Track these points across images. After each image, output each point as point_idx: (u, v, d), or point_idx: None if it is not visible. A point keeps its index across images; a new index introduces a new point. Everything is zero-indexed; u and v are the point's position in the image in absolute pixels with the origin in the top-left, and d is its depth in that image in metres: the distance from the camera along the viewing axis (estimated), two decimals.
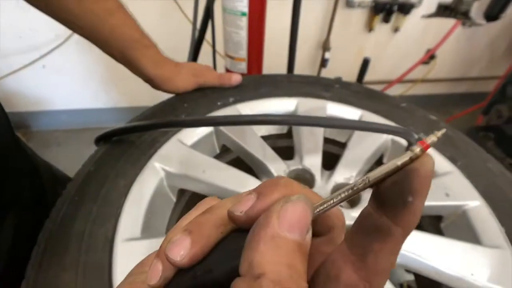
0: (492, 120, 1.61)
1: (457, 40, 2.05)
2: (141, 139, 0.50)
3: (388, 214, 0.15)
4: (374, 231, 0.15)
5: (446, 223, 0.48)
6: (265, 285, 0.13)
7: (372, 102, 0.62)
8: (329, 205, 0.16)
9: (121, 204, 0.42)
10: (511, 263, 0.39)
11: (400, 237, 0.14)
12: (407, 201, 0.14)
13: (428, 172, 0.14)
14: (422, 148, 0.14)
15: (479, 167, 0.51)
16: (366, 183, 0.15)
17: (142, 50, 0.56)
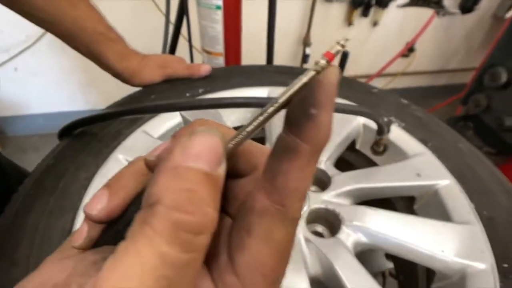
0: (471, 110, 1.63)
1: (434, 33, 2.09)
2: (104, 132, 0.49)
3: (294, 132, 0.14)
4: (283, 152, 0.14)
5: (419, 204, 0.48)
6: (160, 211, 0.12)
7: (343, 88, 0.61)
8: (244, 135, 0.15)
9: (81, 196, 0.41)
10: (480, 237, 0.39)
11: (308, 154, 0.14)
12: (310, 113, 0.13)
13: (330, 81, 0.13)
14: (327, 59, 0.14)
15: (450, 147, 0.50)
16: (276, 105, 0.14)
17: (107, 43, 0.54)
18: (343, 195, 0.44)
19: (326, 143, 0.14)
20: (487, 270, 0.36)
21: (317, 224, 0.44)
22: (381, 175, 0.47)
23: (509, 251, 0.37)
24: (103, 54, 0.54)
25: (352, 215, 0.41)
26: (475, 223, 0.40)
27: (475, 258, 0.37)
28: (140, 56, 0.59)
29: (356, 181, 0.45)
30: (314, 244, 0.38)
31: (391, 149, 0.53)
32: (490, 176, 0.46)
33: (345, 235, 0.39)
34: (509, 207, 0.42)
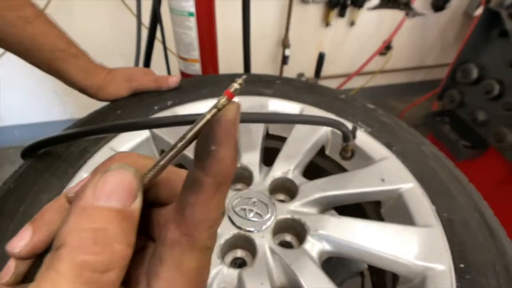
0: (446, 105, 1.67)
1: (410, 31, 2.13)
2: (69, 151, 0.48)
3: (199, 166, 0.15)
4: (191, 185, 0.15)
5: (385, 208, 0.49)
6: (64, 253, 0.13)
7: (312, 95, 0.62)
8: (158, 168, 0.16)
9: None
10: (439, 239, 0.40)
11: (211, 187, 0.15)
12: (210, 150, 0.14)
13: (229, 118, 0.14)
14: (227, 97, 0.15)
15: (413, 150, 0.52)
16: (184, 141, 0.16)
17: (69, 60, 0.53)
18: (310, 204, 0.45)
19: (229, 177, 0.15)
20: (445, 271, 0.37)
21: (285, 233, 0.45)
22: (347, 182, 0.47)
23: (465, 251, 0.39)
24: (66, 70, 0.53)
25: (317, 224, 0.41)
26: (436, 226, 0.42)
27: (435, 260, 0.38)
28: (105, 70, 0.58)
29: (322, 190, 0.46)
30: (279, 255, 0.38)
31: (358, 154, 0.55)
32: (450, 178, 0.48)
33: (310, 245, 0.40)
34: (466, 207, 0.43)
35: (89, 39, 1.53)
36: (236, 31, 1.36)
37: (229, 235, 0.40)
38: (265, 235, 0.41)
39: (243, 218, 0.41)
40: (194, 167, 0.15)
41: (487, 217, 0.43)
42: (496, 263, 0.38)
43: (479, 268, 0.37)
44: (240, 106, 0.15)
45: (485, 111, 1.46)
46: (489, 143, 1.44)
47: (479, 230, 0.41)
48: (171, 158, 0.16)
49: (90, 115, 0.55)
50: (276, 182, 0.48)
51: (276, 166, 0.50)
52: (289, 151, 0.52)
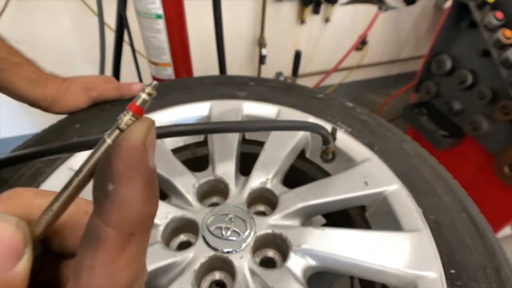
0: (423, 97, 1.69)
1: (384, 25, 2.15)
2: (18, 174, 0.43)
3: (96, 213, 0.11)
4: (87, 238, 0.11)
5: (370, 212, 0.47)
6: None
7: (288, 96, 0.59)
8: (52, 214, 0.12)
9: None
10: (428, 244, 0.38)
11: (116, 242, 0.11)
12: (107, 190, 0.10)
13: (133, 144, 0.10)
14: (132, 113, 0.11)
15: (395, 149, 0.50)
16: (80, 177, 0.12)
17: (11, 69, 0.47)
18: (290, 215, 0.42)
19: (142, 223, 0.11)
20: (436, 279, 0.35)
21: (267, 249, 0.41)
22: (329, 188, 0.45)
23: (454, 255, 0.37)
24: (9, 81, 0.47)
25: (300, 238, 0.38)
26: (423, 230, 0.40)
27: (425, 267, 0.36)
28: (59, 80, 0.52)
29: (303, 199, 0.43)
30: (260, 277, 0.35)
31: (339, 156, 0.52)
32: (435, 177, 0.46)
33: (293, 262, 0.37)
34: (452, 207, 0.42)
35: (51, 46, 1.45)
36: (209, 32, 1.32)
37: (204, 258, 0.36)
38: (244, 255, 0.37)
39: (219, 238, 0.38)
40: (92, 214, 0.11)
41: (474, 216, 0.41)
42: (487, 266, 0.36)
43: (470, 273, 0.35)
44: (154, 123, 0.11)
45: (460, 100, 1.48)
46: (466, 132, 1.46)
47: (467, 232, 0.39)
48: (67, 199, 0.12)
49: (45, 131, 0.50)
50: (254, 193, 0.45)
51: (253, 175, 0.46)
52: (267, 158, 0.48)
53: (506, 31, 1.20)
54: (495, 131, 1.34)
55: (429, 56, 1.59)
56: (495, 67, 1.24)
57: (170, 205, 0.41)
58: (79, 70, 1.55)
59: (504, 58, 1.19)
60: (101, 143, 0.11)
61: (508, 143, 1.28)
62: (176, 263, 0.36)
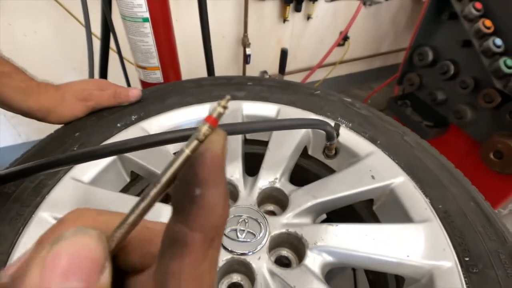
0: (406, 89, 1.73)
1: (364, 20, 2.19)
2: (21, 188, 0.41)
3: (181, 219, 0.11)
4: (171, 245, 0.12)
5: (378, 205, 0.47)
6: None
7: (286, 94, 0.59)
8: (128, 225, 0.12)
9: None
10: (439, 233, 0.39)
11: (200, 246, 0.11)
12: (194, 195, 0.11)
13: (214, 152, 0.11)
14: (210, 125, 0.12)
15: (398, 142, 0.50)
16: (158, 187, 0.12)
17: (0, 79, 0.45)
18: (303, 214, 0.42)
19: (222, 228, 0.12)
20: (452, 268, 0.36)
21: (282, 248, 0.41)
22: (337, 184, 0.45)
23: (467, 243, 0.38)
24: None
25: (315, 236, 0.38)
26: (433, 220, 0.40)
27: (440, 257, 0.37)
28: (52, 89, 0.50)
29: (313, 197, 0.43)
30: (280, 277, 0.35)
31: (342, 151, 0.52)
32: (439, 166, 0.47)
33: (311, 260, 0.37)
34: (460, 196, 0.43)
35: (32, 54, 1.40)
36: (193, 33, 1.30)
37: (221, 261, 0.36)
38: (262, 255, 0.37)
39: (234, 241, 0.37)
40: (174, 221, 0.11)
41: (482, 204, 0.42)
42: (500, 252, 0.37)
43: (485, 260, 0.36)
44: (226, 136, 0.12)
45: (443, 91, 1.52)
46: (450, 121, 1.51)
47: (477, 220, 0.40)
48: (143, 211, 0.12)
49: (44, 141, 0.48)
50: (263, 193, 0.44)
51: (261, 176, 0.46)
52: (272, 158, 0.48)
53: (485, 20, 1.24)
54: (479, 118, 1.39)
55: (410, 49, 1.62)
56: (476, 56, 1.28)
57: None
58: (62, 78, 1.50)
59: (485, 47, 1.23)
60: (179, 154, 0.12)
61: (492, 129, 1.32)
62: None
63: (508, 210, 1.62)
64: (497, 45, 1.21)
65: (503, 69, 1.19)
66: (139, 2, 0.81)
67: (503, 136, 1.26)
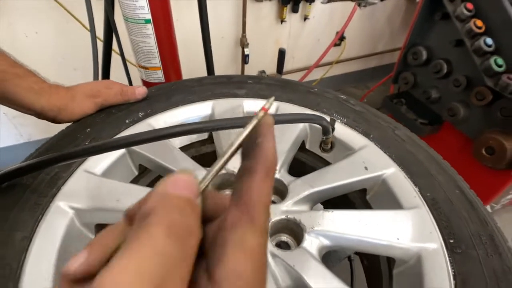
0: (401, 87, 1.77)
1: (360, 21, 2.22)
2: (38, 180, 0.44)
3: (250, 157, 0.19)
4: (244, 174, 0.18)
5: (371, 195, 0.51)
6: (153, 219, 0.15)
7: (285, 92, 0.62)
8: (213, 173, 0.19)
9: (20, 262, 0.36)
10: (427, 218, 0.42)
11: (263, 172, 0.18)
12: (256, 142, 0.19)
13: (268, 122, 0.20)
14: (264, 112, 0.20)
15: (389, 136, 0.54)
16: (233, 147, 0.19)
17: (14, 80, 0.48)
18: (301, 202, 0.45)
19: (274, 166, 0.19)
20: (438, 249, 0.39)
21: (281, 234, 0.44)
22: (333, 174, 0.48)
23: (452, 227, 0.41)
24: (12, 93, 0.48)
25: (312, 221, 0.42)
26: (422, 206, 0.44)
27: (426, 239, 0.40)
28: (63, 90, 0.53)
29: (310, 186, 0.46)
30: (281, 258, 0.38)
31: (337, 145, 0.56)
32: (428, 158, 0.50)
33: (308, 243, 0.40)
34: (446, 185, 0.46)
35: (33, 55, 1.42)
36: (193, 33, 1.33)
37: None
38: None
39: None
40: (245, 160, 0.19)
41: (466, 192, 0.45)
42: (482, 234, 0.40)
43: (467, 241, 0.40)
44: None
45: (437, 89, 1.56)
46: (444, 119, 1.55)
47: (462, 206, 0.43)
48: (222, 164, 0.19)
49: (56, 137, 0.51)
50: None
51: None
52: None
53: (477, 21, 1.28)
54: (472, 116, 1.43)
55: (405, 48, 1.66)
56: (468, 55, 1.31)
57: None
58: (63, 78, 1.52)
59: (476, 46, 1.27)
60: (248, 125, 0.20)
61: (484, 126, 1.36)
62: None
63: (501, 205, 1.67)
64: (488, 45, 1.25)
65: (493, 68, 1.23)
66: (142, 4, 0.84)
67: (494, 133, 1.30)
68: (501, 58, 1.24)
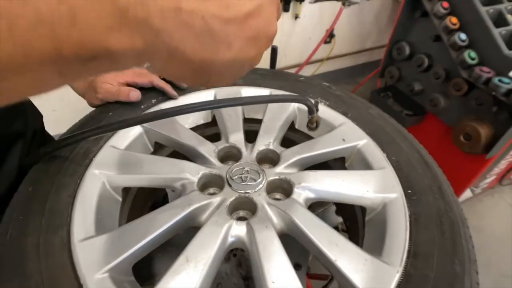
0: (388, 81, 1.88)
1: (349, 19, 2.34)
2: (74, 153, 0.53)
3: None
4: None
5: (348, 162, 0.61)
6: None
7: (277, 81, 0.72)
8: None
9: (69, 213, 0.46)
10: (391, 176, 0.52)
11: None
12: None
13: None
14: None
15: (364, 114, 0.64)
16: None
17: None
18: (291, 165, 0.55)
19: None
20: (398, 197, 0.49)
21: (275, 193, 0.54)
22: (317, 145, 0.58)
23: (411, 181, 0.52)
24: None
25: (300, 179, 0.52)
26: (388, 167, 0.54)
27: (389, 191, 0.50)
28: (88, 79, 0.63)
29: (299, 153, 0.56)
30: (275, 206, 0.48)
31: (322, 123, 0.66)
32: (394, 131, 0.61)
33: (297, 195, 0.50)
34: (408, 150, 0.57)
35: None
36: None
37: (232, 197, 0.49)
38: (261, 193, 0.50)
39: (241, 184, 0.51)
40: None
41: (424, 155, 0.56)
42: (432, 185, 0.51)
43: (421, 191, 0.50)
44: None
45: (420, 82, 1.68)
46: (427, 109, 1.66)
47: (419, 165, 0.54)
48: None
49: (82, 120, 0.61)
50: (261, 153, 0.58)
51: (258, 141, 0.59)
52: (267, 128, 0.61)
53: (452, 18, 1.39)
54: (451, 105, 1.54)
55: (390, 44, 1.77)
56: (446, 50, 1.43)
57: (199, 165, 0.54)
58: None
59: (452, 41, 1.38)
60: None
61: (462, 115, 1.48)
62: (211, 203, 0.48)
63: (480, 189, 1.79)
64: (462, 39, 1.36)
65: (467, 61, 1.34)
66: None
67: (470, 120, 1.42)
68: (474, 52, 1.35)
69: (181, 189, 0.51)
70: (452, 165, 1.67)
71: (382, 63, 1.89)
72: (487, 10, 1.33)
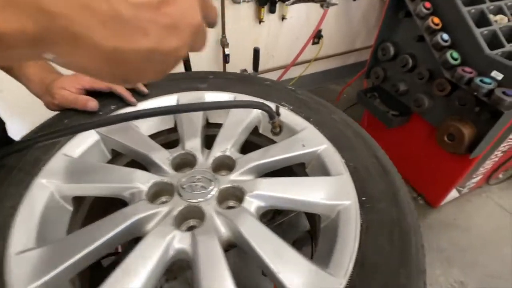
0: (374, 82, 1.87)
1: (336, 19, 2.33)
2: (23, 161, 0.52)
3: None
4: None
5: (309, 167, 0.60)
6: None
7: (243, 85, 0.71)
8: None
9: (8, 224, 0.44)
10: (347, 182, 0.51)
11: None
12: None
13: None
14: None
15: (326, 119, 0.63)
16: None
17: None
18: (246, 172, 0.54)
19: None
20: (351, 204, 0.48)
21: (229, 200, 0.53)
22: (275, 150, 0.57)
23: (366, 188, 0.50)
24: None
25: (253, 187, 0.51)
26: (345, 173, 0.53)
27: (343, 198, 0.49)
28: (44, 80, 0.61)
29: (254, 160, 0.55)
30: (224, 215, 0.47)
31: (285, 128, 0.65)
32: (355, 136, 0.59)
33: (248, 203, 0.49)
34: (366, 156, 0.55)
35: None
36: None
37: (181, 207, 0.48)
38: (211, 202, 0.49)
39: (190, 193, 0.49)
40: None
41: (382, 160, 0.55)
42: (387, 192, 0.50)
43: (375, 198, 0.49)
44: None
45: (404, 82, 1.67)
46: (412, 109, 1.65)
47: (376, 172, 0.53)
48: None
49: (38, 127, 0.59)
50: (217, 160, 0.56)
51: (215, 147, 0.58)
52: (225, 133, 0.60)
53: (434, 18, 1.38)
54: (435, 106, 1.53)
55: (375, 45, 1.77)
56: (429, 50, 1.42)
57: (151, 173, 0.52)
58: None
59: (434, 41, 1.38)
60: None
61: (446, 115, 1.47)
62: (159, 213, 0.47)
63: (467, 189, 1.78)
64: (445, 40, 1.35)
65: (450, 61, 1.33)
66: None
67: (454, 120, 1.41)
68: (457, 52, 1.34)
69: (130, 198, 0.50)
70: (438, 165, 1.66)
71: (367, 64, 1.88)
72: (469, 10, 1.32)
